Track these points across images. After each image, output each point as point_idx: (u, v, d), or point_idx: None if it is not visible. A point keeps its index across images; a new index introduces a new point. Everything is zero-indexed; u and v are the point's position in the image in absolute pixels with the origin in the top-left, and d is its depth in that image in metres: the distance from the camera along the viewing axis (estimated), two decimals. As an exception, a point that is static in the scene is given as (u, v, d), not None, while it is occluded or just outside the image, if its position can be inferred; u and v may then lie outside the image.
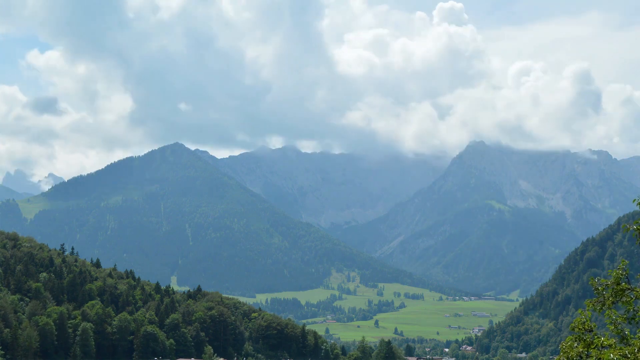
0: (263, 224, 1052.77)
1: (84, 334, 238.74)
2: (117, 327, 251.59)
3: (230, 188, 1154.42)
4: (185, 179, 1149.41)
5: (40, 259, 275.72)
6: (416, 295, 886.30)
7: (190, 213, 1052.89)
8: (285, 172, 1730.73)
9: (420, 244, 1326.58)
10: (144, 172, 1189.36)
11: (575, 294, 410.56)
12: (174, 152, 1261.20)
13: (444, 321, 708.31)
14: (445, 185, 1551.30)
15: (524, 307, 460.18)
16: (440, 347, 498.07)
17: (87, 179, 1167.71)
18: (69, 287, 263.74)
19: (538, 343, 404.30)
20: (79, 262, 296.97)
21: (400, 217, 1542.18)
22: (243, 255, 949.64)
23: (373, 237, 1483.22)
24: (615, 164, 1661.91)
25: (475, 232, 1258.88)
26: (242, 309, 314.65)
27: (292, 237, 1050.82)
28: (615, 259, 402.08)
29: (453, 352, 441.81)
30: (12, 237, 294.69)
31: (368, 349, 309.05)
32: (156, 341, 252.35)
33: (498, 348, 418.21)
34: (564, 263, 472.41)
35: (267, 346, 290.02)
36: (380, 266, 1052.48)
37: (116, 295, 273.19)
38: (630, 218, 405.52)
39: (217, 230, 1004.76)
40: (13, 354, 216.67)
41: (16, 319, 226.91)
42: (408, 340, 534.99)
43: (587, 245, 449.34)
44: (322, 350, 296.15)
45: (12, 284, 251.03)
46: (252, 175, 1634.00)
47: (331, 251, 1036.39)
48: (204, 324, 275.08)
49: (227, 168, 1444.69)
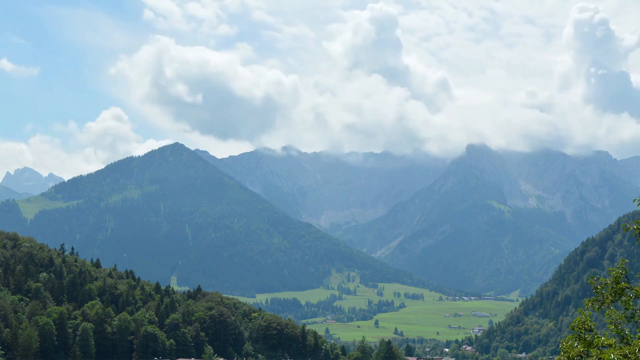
0: (263, 224, 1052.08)
1: (84, 334, 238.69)
2: (117, 327, 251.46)
3: (230, 188, 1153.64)
4: (185, 179, 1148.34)
5: (40, 259, 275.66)
6: (416, 295, 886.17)
7: (190, 213, 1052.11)
8: (285, 172, 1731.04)
9: (420, 244, 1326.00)
10: (144, 172, 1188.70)
11: (575, 294, 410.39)
12: (174, 152, 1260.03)
13: (444, 321, 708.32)
14: (445, 185, 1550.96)
15: (524, 307, 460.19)
16: (440, 347, 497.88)
17: (87, 179, 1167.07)
18: (69, 287, 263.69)
19: (538, 343, 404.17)
20: (79, 262, 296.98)
21: (400, 217, 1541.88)
22: (243, 255, 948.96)
23: (373, 237, 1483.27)
24: (615, 164, 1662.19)
25: (475, 232, 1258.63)
26: (242, 309, 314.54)
27: (292, 237, 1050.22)
28: (615, 259, 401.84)
29: (453, 352, 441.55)
30: (12, 237, 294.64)
31: (368, 349, 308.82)
32: (156, 341, 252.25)
33: (498, 348, 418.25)
34: (564, 263, 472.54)
35: (267, 346, 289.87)
36: (380, 266, 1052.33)
37: (116, 295, 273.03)
38: (630, 218, 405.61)
39: (217, 230, 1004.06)
40: (13, 354, 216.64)
41: (16, 319, 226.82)
42: (408, 340, 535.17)
43: (587, 245, 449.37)
44: (322, 350, 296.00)
45: (12, 284, 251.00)
46: (252, 175, 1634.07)
47: (331, 251, 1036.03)
48: (204, 324, 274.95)
49: (227, 168, 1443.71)
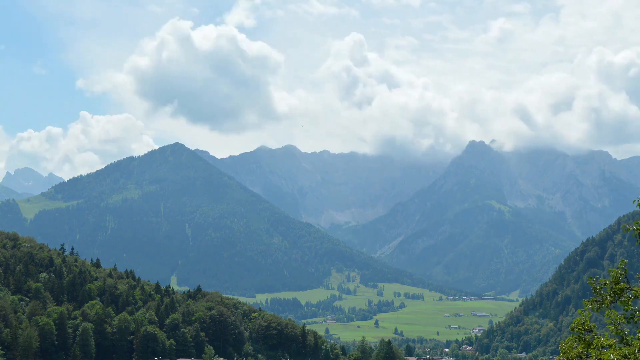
0: (263, 224, 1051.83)
1: (84, 334, 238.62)
2: (117, 327, 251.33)
3: (230, 188, 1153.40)
4: (185, 179, 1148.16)
5: (40, 259, 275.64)
6: (416, 295, 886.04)
7: (190, 213, 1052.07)
8: (285, 172, 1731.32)
9: (420, 244, 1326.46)
10: (143, 172, 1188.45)
11: (575, 294, 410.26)
12: (173, 152, 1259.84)
13: (444, 321, 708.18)
14: (445, 185, 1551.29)
15: (524, 307, 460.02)
16: (440, 347, 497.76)
17: (87, 179, 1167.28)
18: (69, 287, 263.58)
19: (538, 343, 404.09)
20: (79, 262, 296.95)
21: (400, 217, 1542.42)
22: (243, 255, 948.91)
23: (373, 237, 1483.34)
24: (615, 164, 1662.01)
25: (475, 232, 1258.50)
26: (242, 309, 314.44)
27: (292, 237, 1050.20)
28: (615, 259, 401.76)
29: (453, 352, 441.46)
30: (12, 237, 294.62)
31: (368, 349, 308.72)
32: (156, 341, 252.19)
33: (498, 348, 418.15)
34: (564, 263, 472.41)
35: (267, 346, 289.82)
36: (380, 266, 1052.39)
37: (116, 295, 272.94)
38: (630, 218, 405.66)
39: (217, 230, 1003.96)
40: (13, 354, 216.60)
41: (16, 319, 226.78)
42: (408, 340, 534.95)
43: (587, 245, 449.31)
44: (322, 351, 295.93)
45: (12, 284, 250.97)
46: (252, 175, 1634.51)
47: (331, 251, 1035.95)
48: (204, 324, 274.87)
49: (227, 168, 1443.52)
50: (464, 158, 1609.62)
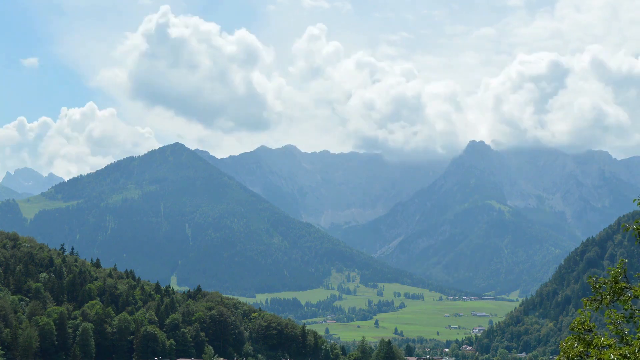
0: (263, 224, 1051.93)
1: (84, 334, 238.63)
2: (117, 327, 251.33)
3: (230, 188, 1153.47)
4: (185, 179, 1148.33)
5: (40, 259, 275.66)
6: (416, 295, 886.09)
7: (190, 213, 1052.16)
8: (285, 172, 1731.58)
9: (420, 244, 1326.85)
10: (143, 172, 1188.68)
11: (575, 294, 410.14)
12: (174, 152, 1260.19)
13: (444, 321, 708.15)
14: (445, 185, 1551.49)
15: (524, 307, 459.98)
16: (440, 347, 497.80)
17: (87, 179, 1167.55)
18: (69, 287, 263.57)
19: (538, 343, 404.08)
20: (79, 262, 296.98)
21: (400, 217, 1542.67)
22: (243, 255, 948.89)
23: (373, 237, 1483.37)
24: (615, 164, 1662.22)
25: (475, 232, 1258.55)
26: (242, 309, 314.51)
27: (292, 237, 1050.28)
28: (615, 259, 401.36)
29: (453, 352, 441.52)
30: (12, 237, 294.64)
31: (368, 349, 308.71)
32: (156, 341, 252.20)
33: (498, 348, 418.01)
34: (564, 263, 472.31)
35: (267, 346, 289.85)
36: (380, 266, 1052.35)
37: (116, 295, 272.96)
38: (630, 218, 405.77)
39: (217, 230, 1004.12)
40: (13, 354, 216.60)
41: (16, 319, 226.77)
42: (408, 340, 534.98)
43: (587, 245, 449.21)
44: (322, 350, 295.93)
45: (12, 284, 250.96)
46: (252, 175, 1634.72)
47: (331, 251, 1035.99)
48: (204, 324, 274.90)
49: (227, 168, 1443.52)
50: (464, 158, 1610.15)
